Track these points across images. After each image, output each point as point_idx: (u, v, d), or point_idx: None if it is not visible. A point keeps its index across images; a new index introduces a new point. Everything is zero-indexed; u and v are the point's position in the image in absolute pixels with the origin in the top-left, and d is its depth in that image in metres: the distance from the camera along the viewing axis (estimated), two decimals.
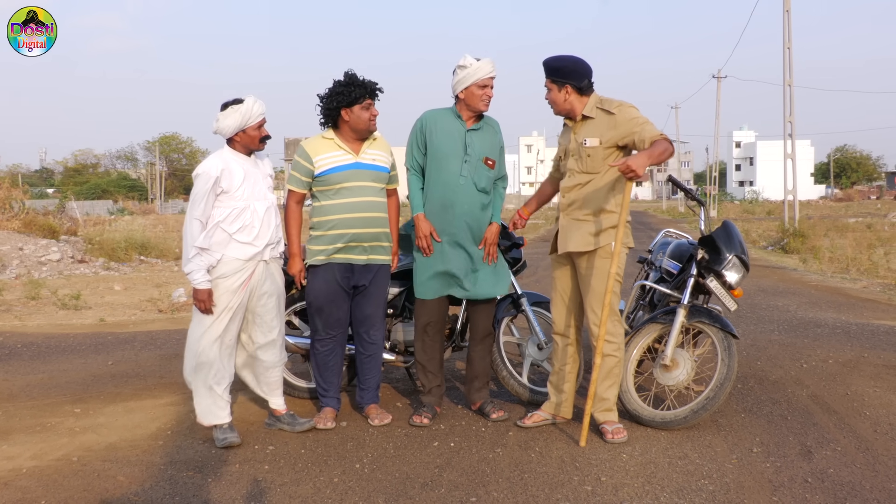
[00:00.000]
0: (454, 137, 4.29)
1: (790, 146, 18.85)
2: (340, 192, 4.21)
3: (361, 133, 4.26)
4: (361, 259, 4.26)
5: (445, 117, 4.35)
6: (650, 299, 5.04)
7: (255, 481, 3.57)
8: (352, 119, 4.20)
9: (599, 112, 4.07)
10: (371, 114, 4.23)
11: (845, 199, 64.88)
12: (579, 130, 4.13)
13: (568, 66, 4.08)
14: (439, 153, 4.28)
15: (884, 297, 9.55)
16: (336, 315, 4.31)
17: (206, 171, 3.94)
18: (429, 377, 4.48)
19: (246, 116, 3.99)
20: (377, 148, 4.34)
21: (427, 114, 4.40)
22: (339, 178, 4.20)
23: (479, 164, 4.31)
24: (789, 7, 19.29)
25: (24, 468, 3.74)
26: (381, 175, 4.33)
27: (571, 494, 3.38)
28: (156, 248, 16.08)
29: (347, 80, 4.21)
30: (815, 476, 3.56)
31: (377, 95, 4.26)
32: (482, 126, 4.37)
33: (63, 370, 5.86)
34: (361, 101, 4.18)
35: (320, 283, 4.26)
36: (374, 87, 4.23)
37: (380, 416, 4.43)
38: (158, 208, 57.57)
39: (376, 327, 4.43)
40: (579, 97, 4.10)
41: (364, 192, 4.24)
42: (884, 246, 16.31)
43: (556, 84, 4.10)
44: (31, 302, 9.63)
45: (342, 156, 4.23)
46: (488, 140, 4.37)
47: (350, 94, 4.15)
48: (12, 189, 18.72)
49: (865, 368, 5.45)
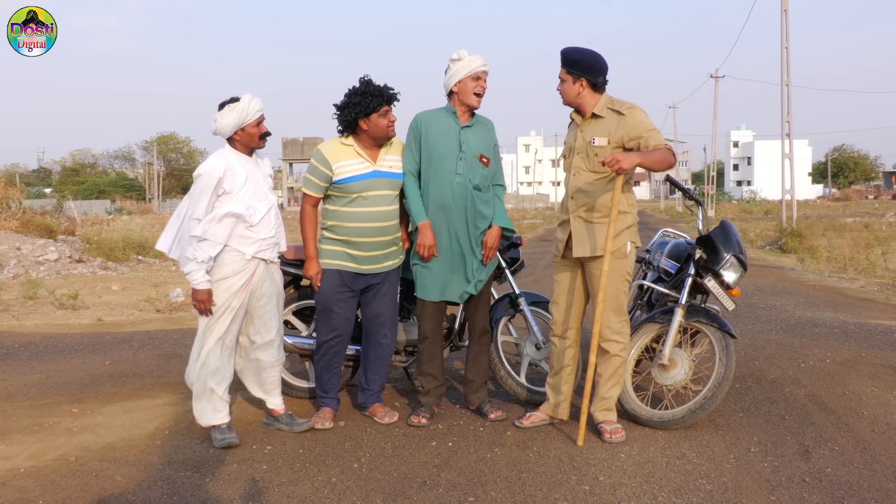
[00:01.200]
0: (449, 136, 4.29)
1: (788, 146, 18.88)
2: (357, 200, 4.18)
3: (380, 140, 4.23)
4: (371, 269, 4.26)
5: (439, 117, 4.35)
6: (648, 299, 5.05)
7: (253, 481, 3.57)
8: (370, 128, 4.15)
9: (609, 112, 4.06)
10: (389, 120, 4.18)
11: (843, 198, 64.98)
12: (587, 129, 4.12)
13: (587, 59, 4.07)
14: (435, 152, 4.28)
15: (881, 297, 9.56)
16: (344, 316, 4.31)
17: (208, 171, 3.92)
18: (429, 379, 4.48)
19: (243, 114, 3.98)
20: (394, 153, 4.30)
21: (420, 115, 4.40)
22: (358, 187, 4.17)
23: (474, 161, 4.30)
24: (787, 7, 19.31)
25: (22, 468, 3.73)
26: (398, 182, 4.31)
27: (569, 494, 3.38)
28: (153, 248, 16.02)
29: (363, 87, 4.14)
30: (812, 475, 3.56)
31: (394, 101, 4.21)
32: (475, 124, 4.37)
33: (61, 370, 5.85)
34: (378, 110, 4.13)
35: (330, 285, 4.26)
36: (390, 94, 4.17)
37: (388, 414, 4.43)
38: (156, 208, 57.51)
39: (388, 327, 4.42)
40: (592, 93, 4.09)
41: (380, 201, 4.21)
42: (881, 245, 16.32)
43: (571, 75, 4.08)
44: (29, 302, 9.62)
45: (361, 164, 4.19)
46: (482, 138, 4.38)
47: (367, 104, 4.10)
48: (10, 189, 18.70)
49: (863, 368, 5.46)
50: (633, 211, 4.13)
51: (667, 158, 3.88)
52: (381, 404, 4.52)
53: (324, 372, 4.40)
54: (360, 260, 4.23)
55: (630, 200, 4.12)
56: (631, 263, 4.11)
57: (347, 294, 4.27)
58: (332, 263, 4.24)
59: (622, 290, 4.07)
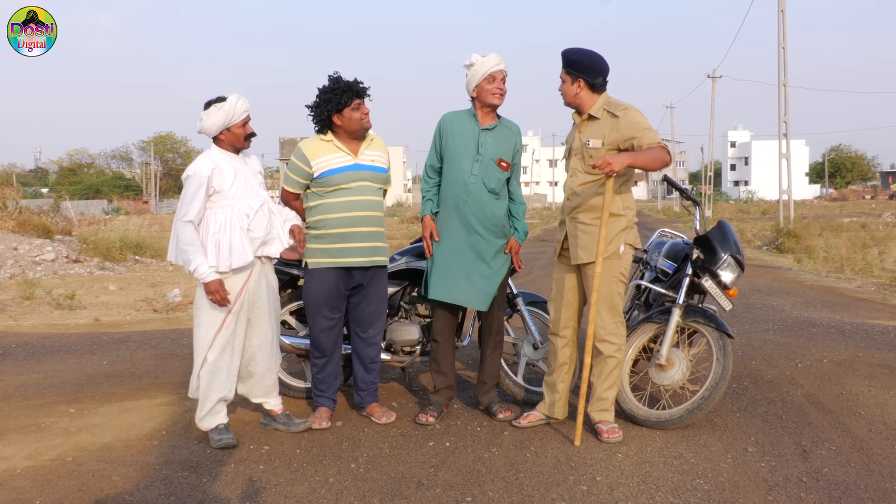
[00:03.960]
0: (468, 137, 4.31)
1: (785, 146, 18.91)
2: (339, 191, 4.21)
3: (356, 133, 4.26)
4: (358, 261, 4.25)
5: (461, 118, 4.38)
6: (645, 299, 5.05)
7: (251, 481, 3.56)
8: (344, 123, 4.20)
9: (605, 114, 4.06)
10: (362, 113, 4.22)
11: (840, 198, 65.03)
12: (584, 130, 4.13)
13: (585, 60, 4.07)
14: (453, 153, 4.31)
15: (878, 297, 9.58)
16: (334, 315, 4.31)
17: (197, 172, 3.92)
18: (440, 378, 4.48)
19: (230, 114, 3.97)
20: (375, 149, 4.35)
21: (445, 116, 4.44)
22: (339, 179, 4.20)
23: (491, 164, 4.30)
24: (784, 7, 19.34)
25: (19, 468, 3.72)
26: (380, 175, 4.34)
27: (567, 494, 3.38)
28: (151, 248, 16.03)
29: (332, 84, 4.19)
30: (810, 475, 3.56)
31: (364, 94, 4.24)
32: (498, 127, 4.36)
33: (58, 370, 5.84)
34: (350, 104, 4.16)
35: (318, 285, 4.26)
36: (359, 88, 4.21)
37: (385, 414, 4.43)
38: (153, 208, 57.43)
39: (375, 327, 4.42)
40: (590, 93, 4.09)
41: (363, 191, 4.24)
42: (878, 245, 16.34)
43: (570, 76, 4.09)
44: (26, 302, 9.60)
45: (342, 157, 4.23)
46: (503, 142, 4.36)
47: (338, 100, 4.14)
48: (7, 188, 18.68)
49: (860, 368, 5.47)
50: (629, 213, 4.12)
51: (660, 156, 3.87)
52: (379, 404, 4.51)
53: (319, 372, 4.40)
54: (348, 252, 4.22)
55: (626, 202, 4.11)
56: (626, 264, 4.11)
57: (336, 294, 4.27)
58: (320, 262, 4.24)
59: (616, 290, 4.07)
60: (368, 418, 4.46)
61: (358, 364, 4.48)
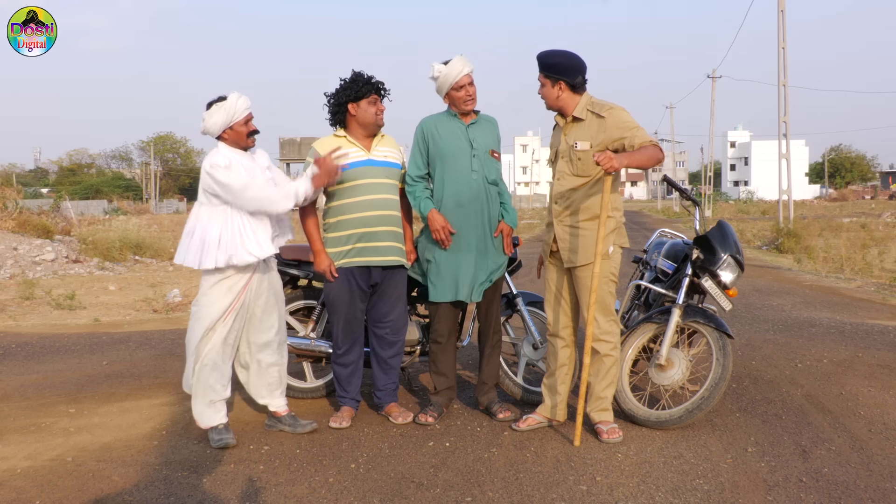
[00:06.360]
0: (457, 136, 4.33)
1: (785, 146, 18.91)
2: (355, 189, 4.23)
3: (370, 128, 4.29)
4: (378, 261, 4.26)
5: (444, 119, 4.38)
6: (645, 299, 5.05)
7: (251, 481, 3.56)
8: (359, 113, 4.24)
9: (590, 115, 4.05)
10: (378, 108, 4.28)
11: (840, 198, 65.00)
12: (570, 132, 4.12)
13: (563, 62, 4.06)
14: (447, 153, 4.31)
15: (878, 297, 9.58)
16: (355, 315, 4.33)
17: (217, 163, 3.93)
18: (442, 379, 4.49)
19: (231, 112, 3.98)
20: (387, 145, 4.38)
21: (426, 120, 4.43)
22: (353, 175, 4.22)
23: (486, 157, 4.35)
24: (784, 7, 19.34)
25: (19, 468, 3.73)
26: (394, 171, 4.36)
27: (567, 494, 3.38)
28: (150, 248, 16.03)
29: (353, 76, 4.29)
30: (809, 475, 3.56)
31: (382, 92, 4.31)
32: (479, 121, 4.41)
33: (57, 370, 5.84)
34: (368, 96, 4.23)
35: (339, 285, 4.27)
36: (379, 85, 4.29)
37: (402, 414, 4.43)
38: (153, 208, 57.42)
39: (396, 327, 4.43)
40: (572, 94, 4.09)
41: (378, 189, 4.26)
42: (878, 246, 16.34)
43: (549, 79, 4.08)
44: (26, 302, 9.60)
45: (354, 152, 4.25)
46: (488, 133, 4.42)
47: (357, 89, 4.22)
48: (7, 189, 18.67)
49: (860, 368, 5.47)
50: (617, 214, 4.13)
51: (655, 155, 3.90)
52: (397, 404, 4.52)
53: (341, 372, 4.41)
54: (367, 252, 4.24)
55: (615, 203, 4.11)
56: (615, 264, 4.12)
57: (357, 293, 4.29)
58: (340, 263, 4.25)
59: (607, 290, 4.08)
60: (368, 418, 4.46)
61: (376, 365, 4.49)
